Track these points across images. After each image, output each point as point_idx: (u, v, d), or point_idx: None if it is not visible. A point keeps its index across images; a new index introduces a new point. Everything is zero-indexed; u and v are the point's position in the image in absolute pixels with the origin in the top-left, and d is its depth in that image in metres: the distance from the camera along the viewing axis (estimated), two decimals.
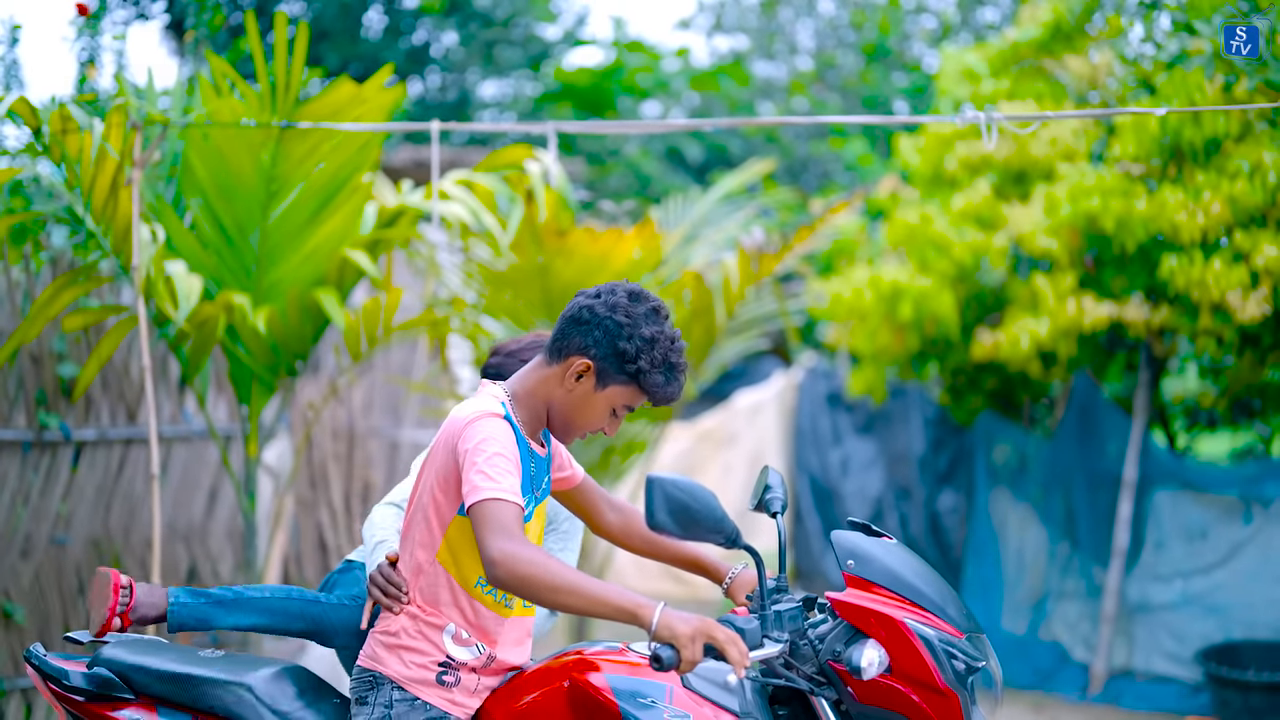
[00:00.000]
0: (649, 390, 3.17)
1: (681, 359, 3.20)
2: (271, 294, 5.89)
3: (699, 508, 2.95)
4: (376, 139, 5.82)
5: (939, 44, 19.97)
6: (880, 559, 3.08)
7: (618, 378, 3.18)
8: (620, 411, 3.24)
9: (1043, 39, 9.40)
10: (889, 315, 9.26)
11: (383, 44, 12.95)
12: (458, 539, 3.23)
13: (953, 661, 2.99)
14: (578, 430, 3.27)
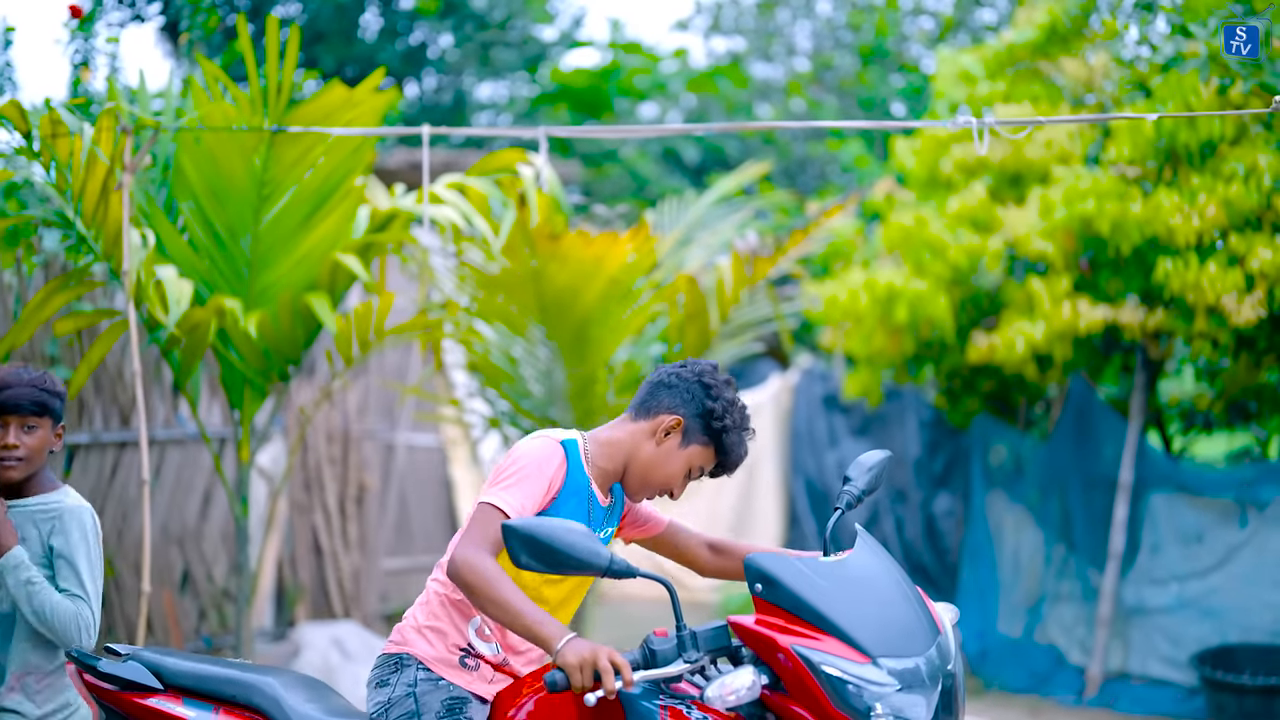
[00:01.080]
0: (726, 449, 3.42)
1: (751, 426, 3.49)
2: (263, 298, 5.87)
3: (559, 546, 3.03)
4: (369, 142, 5.80)
5: (936, 45, 19.96)
6: (790, 583, 3.06)
7: (700, 437, 3.43)
8: (695, 473, 3.46)
9: (1039, 41, 9.39)
10: (884, 318, 9.25)
11: (378, 45, 12.93)
12: None
13: (845, 687, 2.94)
14: (654, 487, 3.47)
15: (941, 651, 3.11)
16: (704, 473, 3.48)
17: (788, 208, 14.60)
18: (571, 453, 3.41)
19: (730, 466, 3.47)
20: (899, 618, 3.09)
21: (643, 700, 3.13)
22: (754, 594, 3.10)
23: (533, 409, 6.93)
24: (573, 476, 3.40)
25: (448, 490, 11.50)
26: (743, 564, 3.15)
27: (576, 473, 3.40)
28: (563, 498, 3.38)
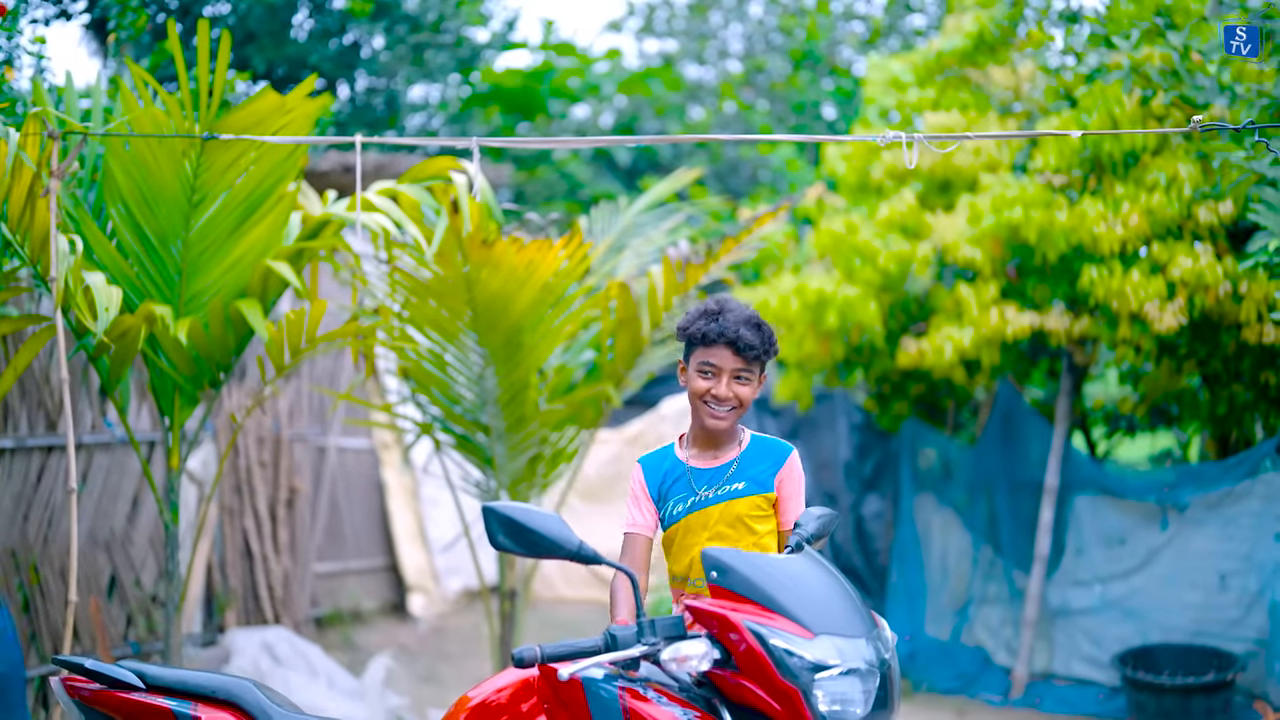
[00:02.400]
0: (703, 336, 3.91)
1: (711, 304, 3.97)
2: (194, 304, 5.84)
3: (534, 528, 3.36)
4: (302, 148, 5.79)
5: (867, 50, 20.11)
6: (742, 570, 3.37)
7: (686, 351, 4.01)
8: (706, 369, 3.92)
9: (967, 49, 9.50)
10: (815, 323, 9.33)
11: (310, 47, 12.85)
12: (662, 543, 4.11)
13: (790, 659, 3.18)
14: (695, 408, 3.98)
15: (880, 642, 3.35)
16: (722, 372, 3.91)
17: (720, 213, 14.67)
18: (650, 458, 4.11)
19: (728, 341, 3.89)
20: (839, 604, 3.36)
21: (602, 683, 3.36)
22: (709, 581, 3.40)
23: (464, 414, 6.94)
24: (654, 468, 4.06)
25: (379, 494, 11.47)
26: (701, 556, 3.50)
27: (660, 462, 4.07)
28: (658, 487, 4.02)
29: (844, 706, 3.19)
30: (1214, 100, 7.33)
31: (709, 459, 4.00)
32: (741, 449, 4.02)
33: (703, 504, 3.95)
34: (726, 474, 3.96)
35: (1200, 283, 7.63)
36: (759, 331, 3.94)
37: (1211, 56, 7.51)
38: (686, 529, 3.96)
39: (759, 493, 3.95)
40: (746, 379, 3.93)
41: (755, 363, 3.94)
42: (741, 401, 3.94)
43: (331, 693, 7.64)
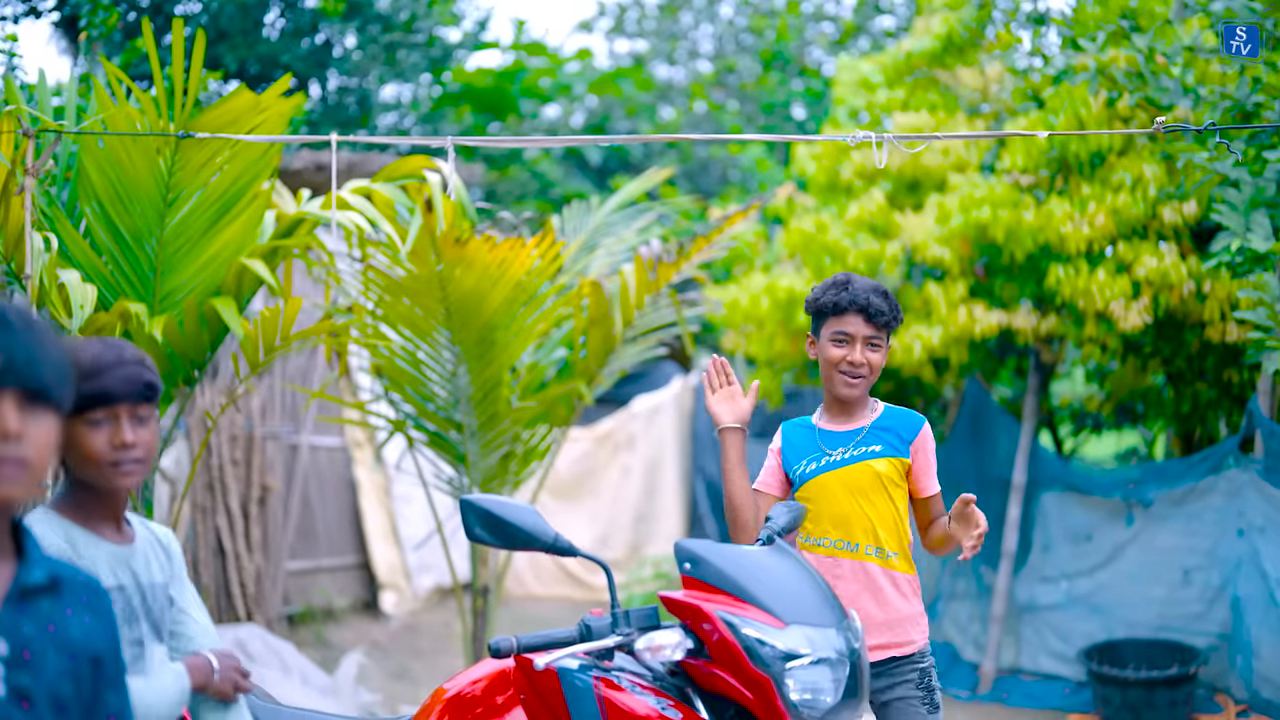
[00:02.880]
0: (822, 305, 4.15)
1: (839, 276, 4.19)
2: (169, 302, 5.86)
3: (510, 520, 3.44)
4: (276, 147, 5.81)
5: (837, 50, 20.22)
6: (714, 562, 3.45)
7: (814, 323, 4.23)
8: (839, 337, 4.12)
9: (936, 51, 9.59)
10: (785, 322, 9.40)
11: (282, 45, 12.85)
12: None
13: (761, 648, 3.27)
14: (829, 378, 4.16)
15: (850, 632, 3.40)
16: (855, 339, 4.11)
17: (690, 212, 14.74)
18: (790, 421, 4.32)
19: (859, 309, 4.09)
20: (810, 596, 3.43)
21: (577, 673, 3.40)
22: (683, 572, 3.47)
23: (437, 411, 6.98)
24: (791, 429, 4.28)
25: (352, 491, 11.49)
26: (674, 548, 3.59)
27: (796, 425, 4.28)
28: (791, 445, 4.22)
29: (815, 695, 3.26)
30: (1178, 102, 7.44)
31: (840, 424, 4.19)
32: (875, 415, 4.21)
33: (836, 464, 4.12)
34: (858, 436, 4.15)
35: (1165, 282, 7.73)
36: (887, 299, 4.13)
37: (1175, 59, 7.62)
38: (822, 489, 4.12)
39: (895, 456, 4.12)
40: (877, 345, 4.11)
41: (884, 329, 4.11)
42: (873, 368, 4.11)
43: (305, 689, 7.68)
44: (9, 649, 2.07)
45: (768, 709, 3.25)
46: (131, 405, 2.88)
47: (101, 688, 2.21)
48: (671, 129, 19.82)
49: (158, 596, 3.04)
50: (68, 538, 2.87)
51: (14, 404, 2.06)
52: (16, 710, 2.05)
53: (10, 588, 2.11)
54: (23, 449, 2.06)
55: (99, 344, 2.91)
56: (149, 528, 3.12)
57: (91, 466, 2.86)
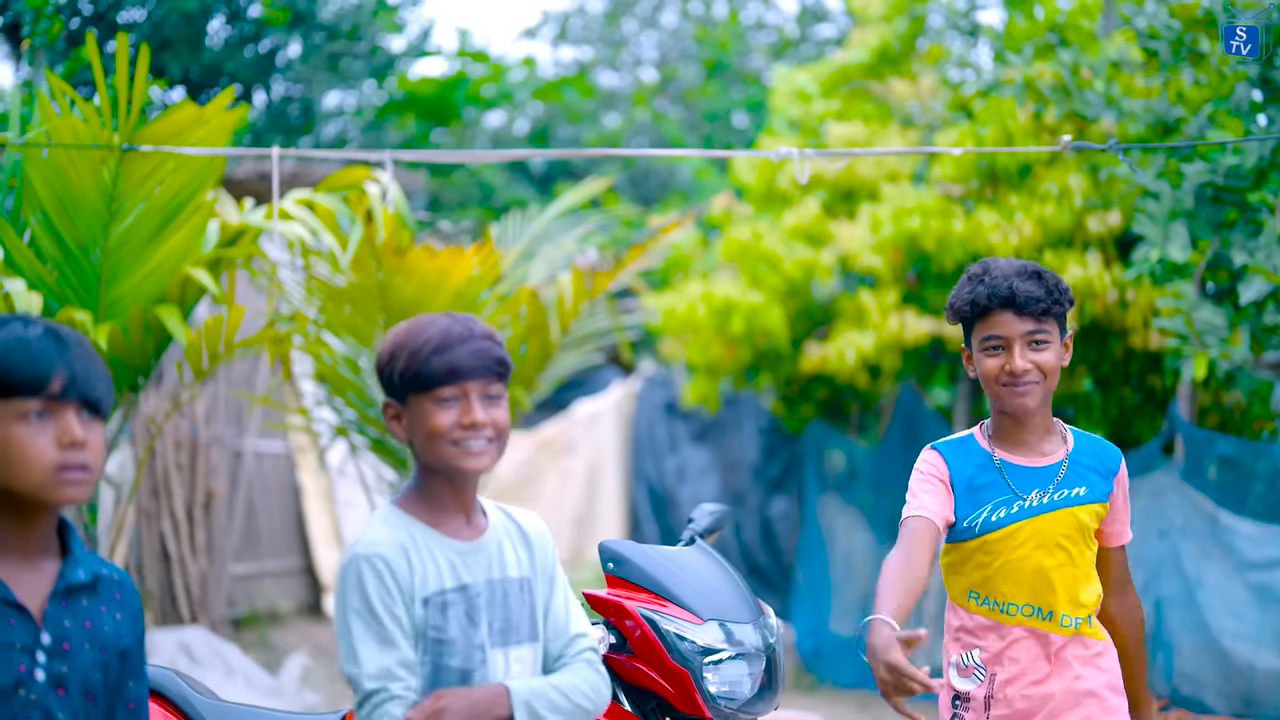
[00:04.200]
0: (960, 308, 3.32)
1: (975, 268, 3.34)
2: (113, 310, 5.95)
3: None
4: (219, 158, 5.93)
5: (778, 57, 20.45)
6: (636, 561, 3.59)
7: (964, 334, 3.38)
8: (991, 343, 3.28)
9: (871, 63, 9.81)
10: (721, 329, 9.58)
11: (226, 54, 12.91)
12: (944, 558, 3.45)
13: (681, 643, 3.42)
14: (990, 392, 3.34)
15: (766, 628, 3.58)
16: (1011, 341, 3.26)
17: (630, 220, 14.91)
18: (950, 444, 3.43)
19: (1003, 301, 3.24)
20: (728, 592, 3.60)
21: None
22: (606, 571, 3.61)
23: (379, 417, 7.10)
24: (958, 457, 3.38)
25: (295, 496, 11.57)
26: (598, 549, 3.66)
27: (963, 452, 3.39)
28: (967, 481, 3.35)
29: (732, 688, 3.44)
30: (1101, 115, 7.66)
31: (1032, 456, 3.37)
32: (1069, 446, 3.40)
33: (1033, 510, 3.32)
34: (1057, 475, 3.36)
35: (1089, 290, 7.96)
36: (1041, 281, 3.27)
37: (1100, 72, 7.85)
38: (1011, 541, 3.31)
39: (1099, 501, 3.36)
40: (1043, 342, 3.27)
41: (1047, 318, 3.27)
42: (1045, 371, 3.27)
43: (249, 691, 7.77)
44: (51, 640, 2.30)
45: (687, 701, 3.42)
46: (482, 383, 2.68)
47: (126, 677, 2.43)
48: (614, 137, 19.98)
49: (512, 594, 2.78)
50: (409, 535, 2.68)
51: (76, 415, 2.29)
52: (52, 695, 2.29)
53: (56, 584, 2.33)
54: (85, 455, 2.29)
55: (447, 319, 2.72)
56: (512, 518, 2.87)
57: (436, 447, 2.66)
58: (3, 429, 2.26)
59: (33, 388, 2.26)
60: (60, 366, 2.28)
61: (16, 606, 2.28)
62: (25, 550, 2.33)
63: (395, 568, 2.63)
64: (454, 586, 2.68)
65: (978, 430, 3.45)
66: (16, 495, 2.29)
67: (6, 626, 2.27)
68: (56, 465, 2.27)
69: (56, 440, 2.27)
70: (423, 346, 2.65)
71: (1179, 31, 7.29)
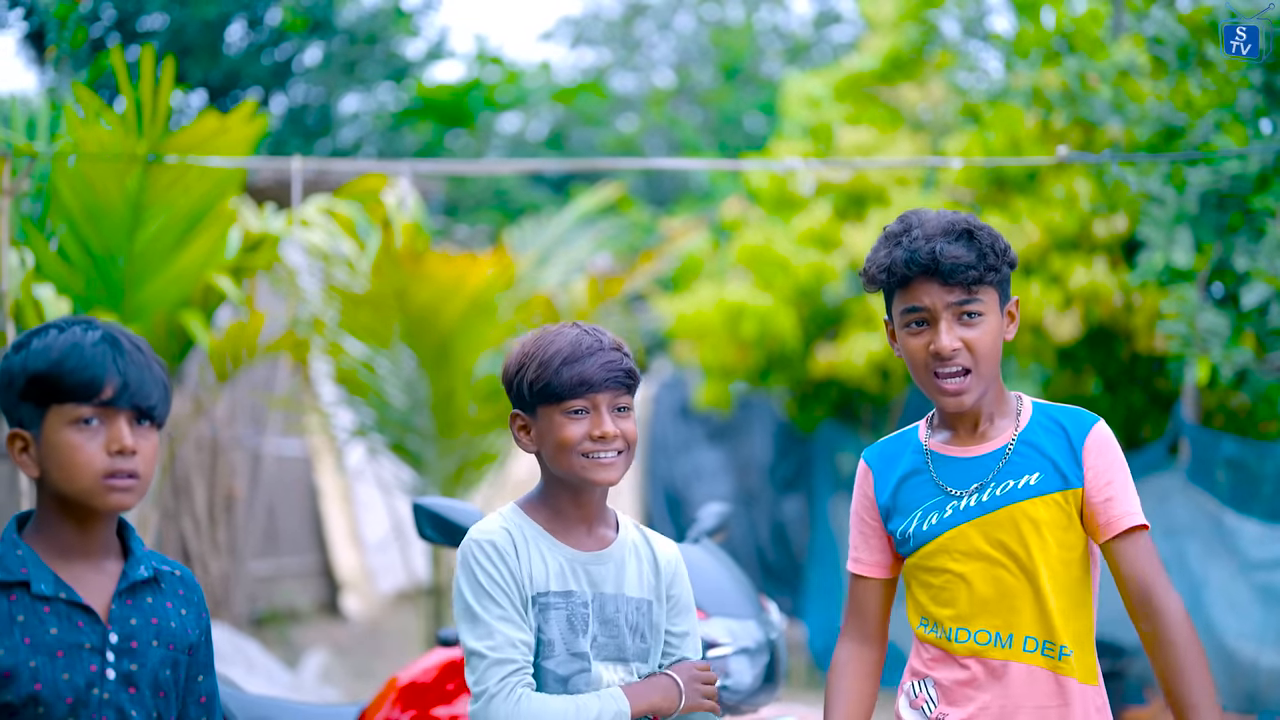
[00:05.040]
0: (873, 274, 2.74)
1: (894, 225, 2.77)
2: (138, 315, 6.09)
3: (457, 521, 3.62)
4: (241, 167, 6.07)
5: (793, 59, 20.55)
6: None
7: (886, 306, 2.78)
8: (912, 316, 2.68)
9: (882, 69, 9.90)
10: (733, 332, 9.68)
11: (245, 59, 13.08)
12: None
13: None
14: (918, 380, 2.75)
15: (768, 624, 3.71)
16: (935, 315, 2.66)
17: (642, 226, 15.02)
18: (878, 449, 2.91)
19: (923, 267, 2.65)
20: (730, 590, 3.73)
21: None
22: None
23: (396, 419, 7.25)
24: (885, 462, 2.86)
25: (314, 496, 11.72)
26: None
27: (894, 453, 2.85)
28: (891, 493, 2.82)
29: (735, 681, 3.57)
30: (1108, 120, 7.75)
31: (969, 444, 2.75)
32: (1021, 425, 2.74)
33: (970, 513, 2.71)
34: (999, 462, 2.71)
35: (1096, 294, 8.05)
36: (970, 241, 2.66)
37: (1107, 78, 7.93)
38: (948, 552, 2.73)
39: (1061, 488, 2.69)
40: (976, 314, 2.65)
41: (980, 286, 2.65)
42: (978, 353, 2.65)
43: (270, 686, 7.91)
44: (119, 638, 2.33)
45: None
46: (612, 394, 2.63)
47: (195, 672, 2.47)
48: (630, 140, 20.11)
49: (626, 612, 2.71)
50: (521, 533, 2.66)
51: (128, 423, 2.32)
52: (124, 693, 2.32)
53: (119, 583, 2.37)
54: (134, 463, 2.32)
55: (576, 329, 2.67)
56: (648, 540, 2.82)
57: (566, 459, 2.62)
58: (56, 433, 2.30)
59: (85, 393, 2.29)
60: (114, 374, 2.30)
61: (83, 608, 2.31)
62: (87, 552, 2.36)
63: (505, 553, 2.61)
64: (559, 590, 2.64)
65: (925, 420, 2.87)
66: (68, 499, 2.32)
67: (74, 628, 2.30)
68: (104, 471, 2.30)
69: (106, 447, 2.30)
70: (553, 358, 2.62)
71: (1185, 40, 7.37)
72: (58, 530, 2.35)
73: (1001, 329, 2.70)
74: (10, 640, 2.26)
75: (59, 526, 2.35)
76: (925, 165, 8.99)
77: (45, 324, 2.39)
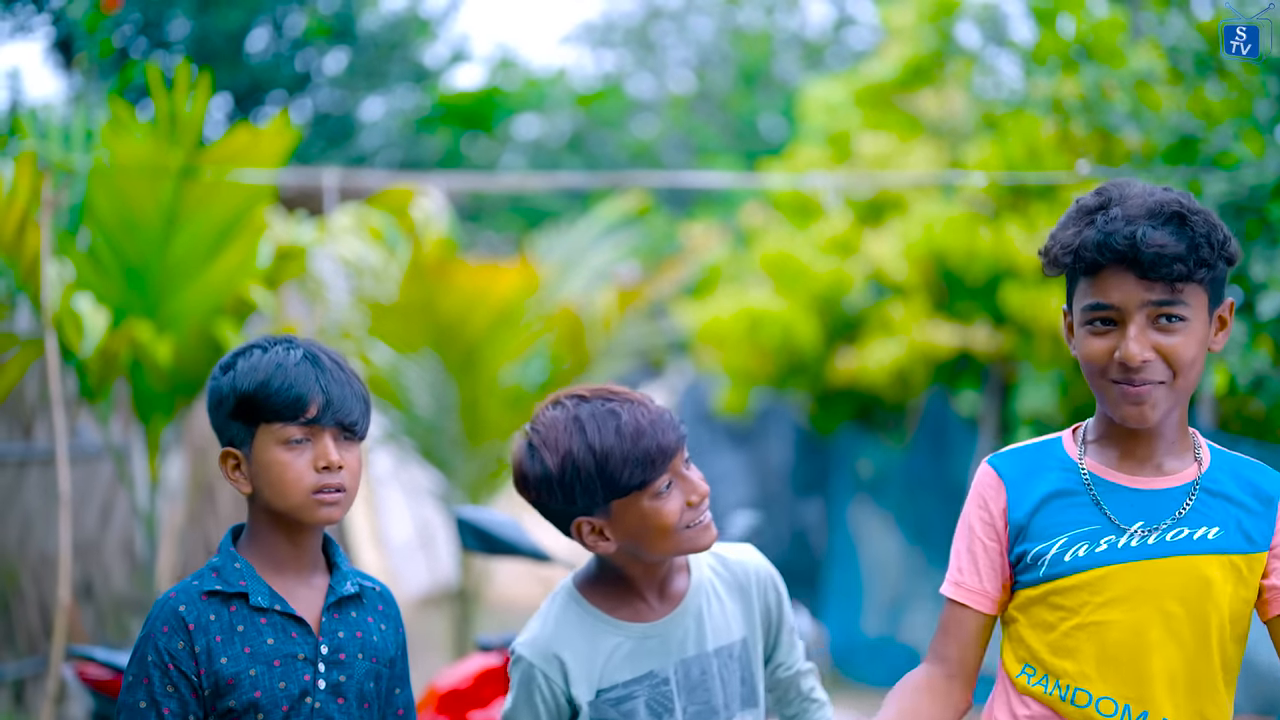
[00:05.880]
0: (1058, 252, 2.27)
1: (1089, 199, 2.27)
2: (172, 324, 6.19)
3: (497, 533, 3.74)
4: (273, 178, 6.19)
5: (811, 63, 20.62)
6: None
7: (1067, 293, 2.33)
8: (1098, 314, 2.22)
9: (902, 78, 9.97)
10: (754, 338, 9.76)
11: (271, 65, 13.21)
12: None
13: None
14: (1094, 386, 2.30)
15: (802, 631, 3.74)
16: (1126, 314, 2.20)
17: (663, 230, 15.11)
18: (1013, 456, 2.39)
19: (1118, 255, 2.18)
20: None
21: None
22: None
23: (424, 425, 7.36)
24: (1021, 471, 2.36)
25: None
26: None
27: (1035, 463, 2.37)
28: (1029, 512, 2.32)
29: None
30: (1125, 129, 7.81)
31: (1143, 474, 2.30)
32: (1202, 467, 2.31)
33: (1134, 553, 2.25)
34: (1182, 505, 2.27)
35: None
36: (1182, 226, 2.17)
37: (1126, 86, 7.98)
38: (1093, 593, 2.26)
39: (1243, 550, 2.26)
40: (1177, 319, 2.19)
41: (1187, 285, 2.18)
42: (1177, 365, 2.20)
43: None
44: (329, 650, 2.41)
45: None
46: (680, 460, 2.50)
47: (394, 685, 2.53)
48: (649, 146, 20.22)
49: (714, 668, 2.52)
50: (579, 629, 2.49)
51: (332, 438, 2.39)
52: (333, 704, 2.40)
53: (328, 597, 2.44)
54: (340, 477, 2.39)
55: (641, 406, 2.50)
56: (723, 563, 2.63)
57: (672, 540, 2.46)
58: (267, 452, 2.37)
59: (292, 413, 2.36)
60: (317, 392, 2.37)
61: (297, 620, 2.39)
62: (298, 566, 2.44)
63: (540, 679, 2.48)
64: (634, 678, 2.47)
65: (1069, 432, 2.41)
66: (279, 514, 2.40)
67: (289, 639, 2.38)
68: (313, 488, 2.37)
69: (314, 464, 2.37)
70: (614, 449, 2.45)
71: (1202, 50, 7.42)
72: (270, 544, 2.43)
73: (1208, 337, 2.24)
74: (233, 649, 2.35)
75: (271, 540, 2.43)
76: (947, 182, 9.07)
77: (248, 344, 2.46)
